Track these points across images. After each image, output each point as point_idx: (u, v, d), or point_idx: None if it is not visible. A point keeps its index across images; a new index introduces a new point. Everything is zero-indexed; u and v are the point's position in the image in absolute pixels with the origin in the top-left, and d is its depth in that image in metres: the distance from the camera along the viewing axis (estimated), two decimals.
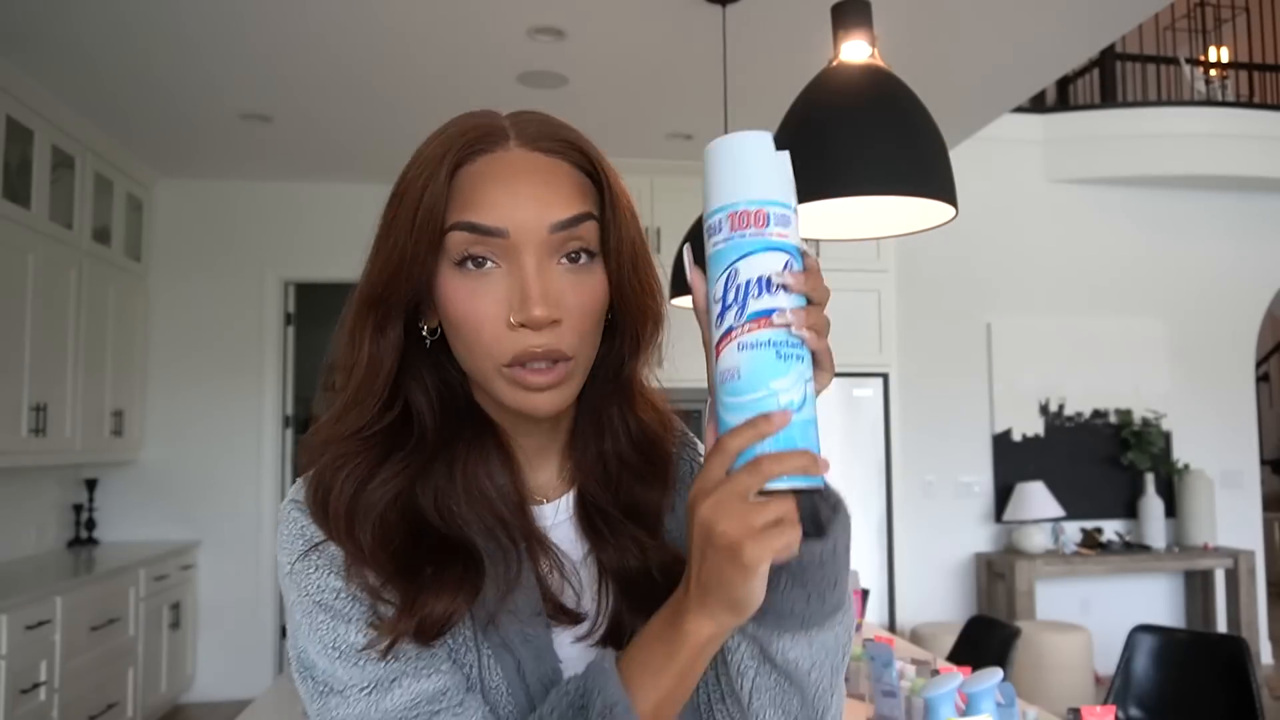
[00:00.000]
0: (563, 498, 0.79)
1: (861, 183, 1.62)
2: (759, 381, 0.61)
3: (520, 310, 0.67)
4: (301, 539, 0.71)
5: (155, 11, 3.21)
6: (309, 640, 0.69)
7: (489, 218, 0.68)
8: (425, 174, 0.69)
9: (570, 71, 3.75)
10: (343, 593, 0.69)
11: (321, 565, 0.70)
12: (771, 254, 0.64)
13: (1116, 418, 5.59)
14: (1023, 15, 3.33)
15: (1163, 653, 2.67)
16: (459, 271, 0.69)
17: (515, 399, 0.70)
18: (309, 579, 0.70)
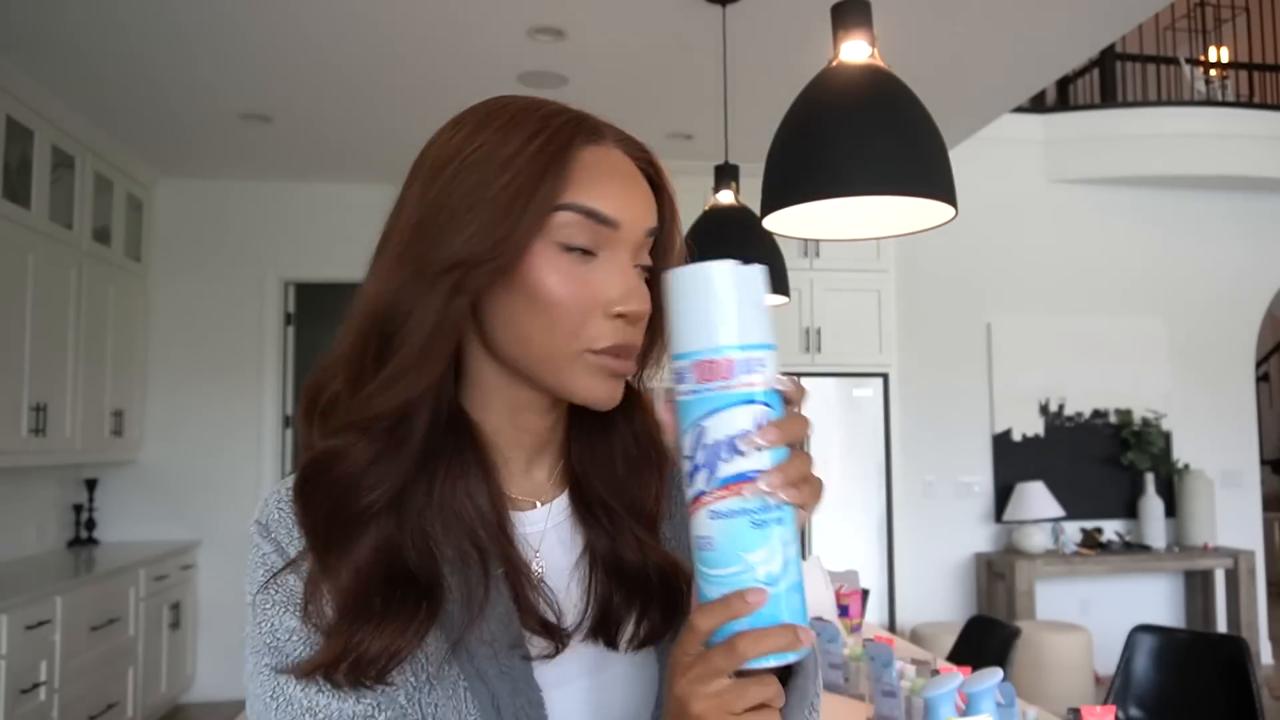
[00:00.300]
0: (557, 499, 0.78)
1: (861, 183, 1.62)
2: (733, 555, 0.57)
3: (626, 302, 0.68)
4: (263, 567, 0.68)
5: (155, 12, 3.21)
6: (255, 681, 0.67)
7: (608, 207, 0.68)
8: (546, 150, 0.67)
9: (570, 71, 3.75)
10: (296, 633, 0.66)
11: (278, 602, 0.67)
12: (742, 409, 0.57)
13: (1116, 418, 5.59)
14: (1023, 15, 3.33)
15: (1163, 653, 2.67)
16: (562, 253, 0.67)
17: (592, 386, 0.69)
18: (264, 615, 0.67)
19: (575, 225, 0.67)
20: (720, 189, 3.05)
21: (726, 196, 3.02)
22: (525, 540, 0.73)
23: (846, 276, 5.09)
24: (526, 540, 0.74)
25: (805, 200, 1.72)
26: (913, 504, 5.36)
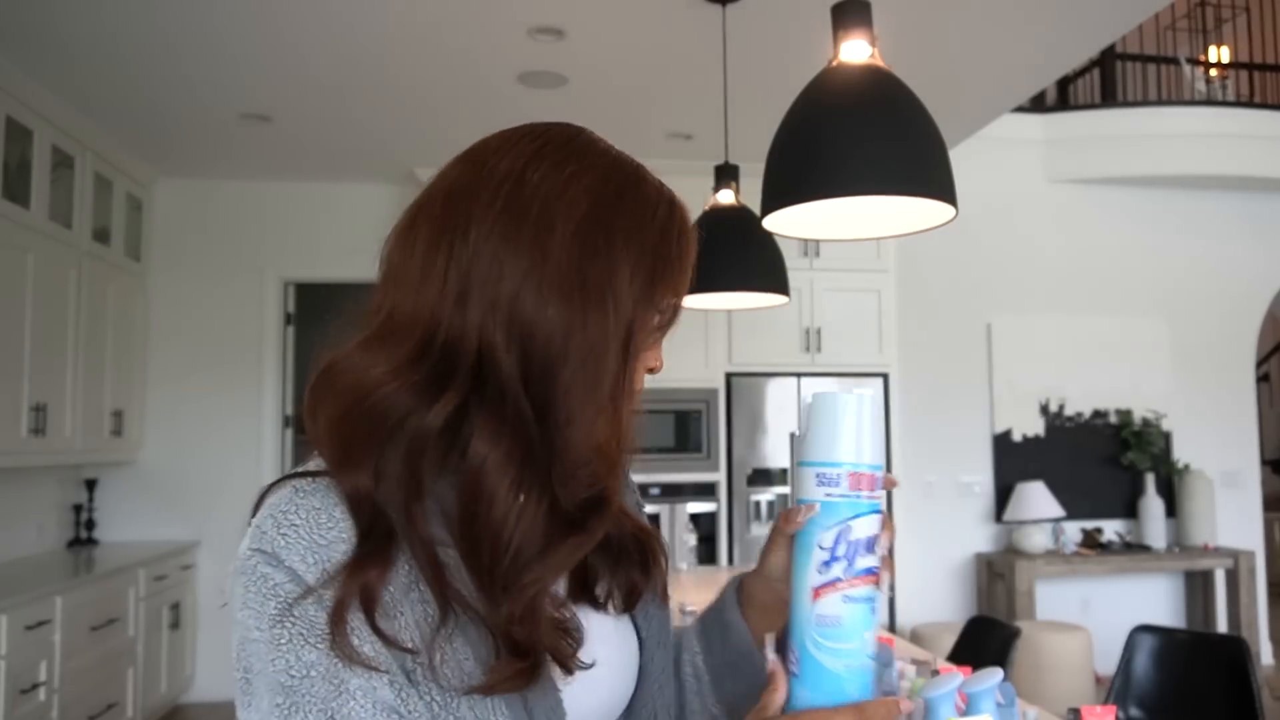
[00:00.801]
0: None
1: (862, 183, 1.62)
2: (856, 632, 0.69)
3: (660, 362, 0.77)
4: (274, 599, 0.61)
5: (155, 12, 3.20)
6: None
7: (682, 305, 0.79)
8: (665, 218, 0.74)
9: (570, 71, 3.75)
10: (315, 668, 0.60)
11: (299, 635, 0.60)
12: (875, 516, 0.73)
13: (1117, 418, 5.59)
14: (1023, 15, 3.32)
15: (1163, 653, 2.66)
16: (658, 336, 0.76)
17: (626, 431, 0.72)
18: (286, 653, 0.60)
19: (670, 318, 0.77)
20: (720, 189, 3.05)
21: (726, 196, 3.01)
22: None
23: (846, 276, 5.09)
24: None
25: (805, 200, 1.72)
26: (913, 504, 5.36)
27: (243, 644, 0.62)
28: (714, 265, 2.89)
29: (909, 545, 5.26)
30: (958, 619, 5.21)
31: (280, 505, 0.64)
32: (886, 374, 5.14)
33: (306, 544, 0.62)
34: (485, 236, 0.68)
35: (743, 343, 5.00)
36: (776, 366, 5.02)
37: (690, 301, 3.07)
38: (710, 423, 4.93)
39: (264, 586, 0.61)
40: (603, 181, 0.71)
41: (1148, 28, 6.08)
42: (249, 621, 0.62)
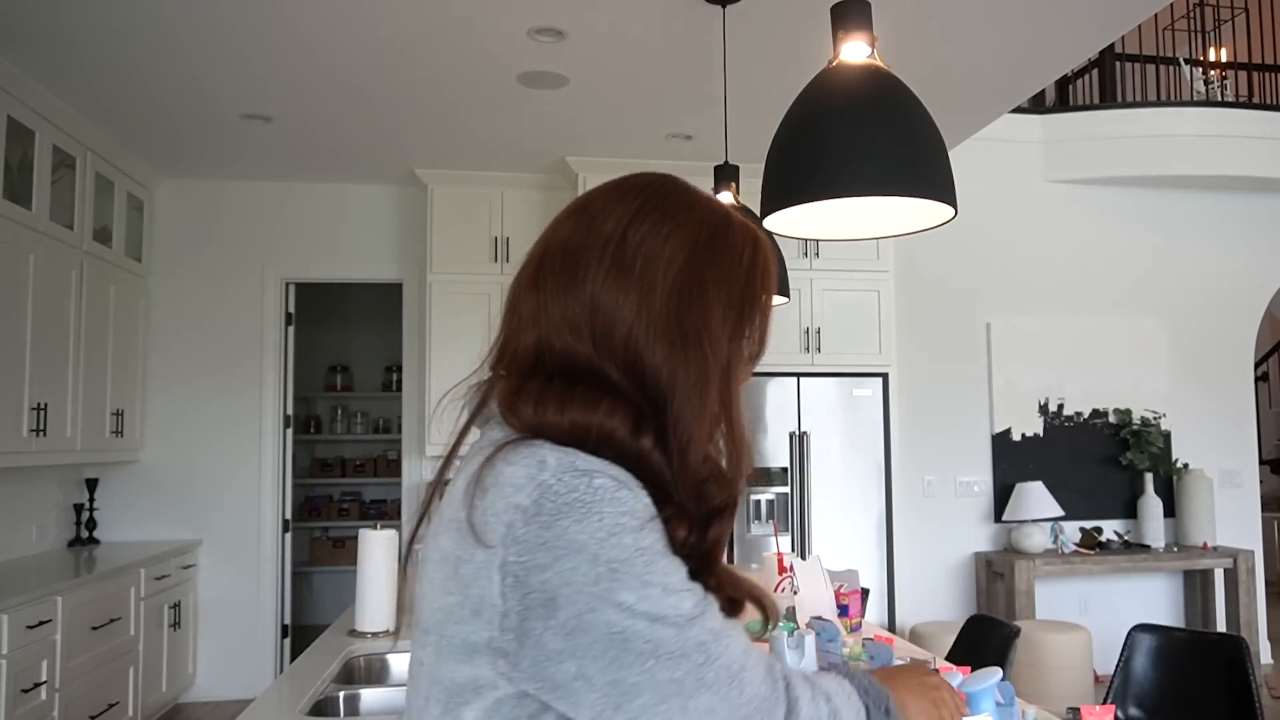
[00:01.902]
0: None
1: (861, 183, 1.63)
2: None
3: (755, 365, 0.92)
4: (644, 508, 0.76)
5: (156, 12, 3.21)
6: (658, 586, 0.73)
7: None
8: (759, 274, 0.87)
9: (570, 71, 3.76)
10: (667, 546, 0.77)
11: (653, 522, 0.76)
12: None
13: (1116, 418, 5.59)
14: (1023, 15, 3.33)
15: (1162, 652, 2.67)
16: (750, 360, 0.88)
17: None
18: (643, 534, 0.74)
19: (753, 355, 0.89)
20: (720, 189, 3.05)
21: (726, 197, 3.02)
22: None
23: (846, 276, 5.09)
24: None
25: (805, 200, 1.73)
26: (912, 504, 5.36)
27: (602, 549, 0.72)
28: None
29: (908, 545, 5.26)
30: (957, 618, 5.21)
31: (563, 452, 0.76)
32: (886, 374, 5.15)
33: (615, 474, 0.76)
34: (600, 289, 0.81)
35: None
36: (776, 366, 5.03)
37: None
38: None
39: (607, 494, 0.74)
40: (694, 236, 0.84)
41: (1147, 28, 6.09)
42: (603, 524, 0.72)
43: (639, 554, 0.72)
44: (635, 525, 0.74)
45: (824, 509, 5.00)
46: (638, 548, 0.73)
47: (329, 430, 6.94)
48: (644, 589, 0.72)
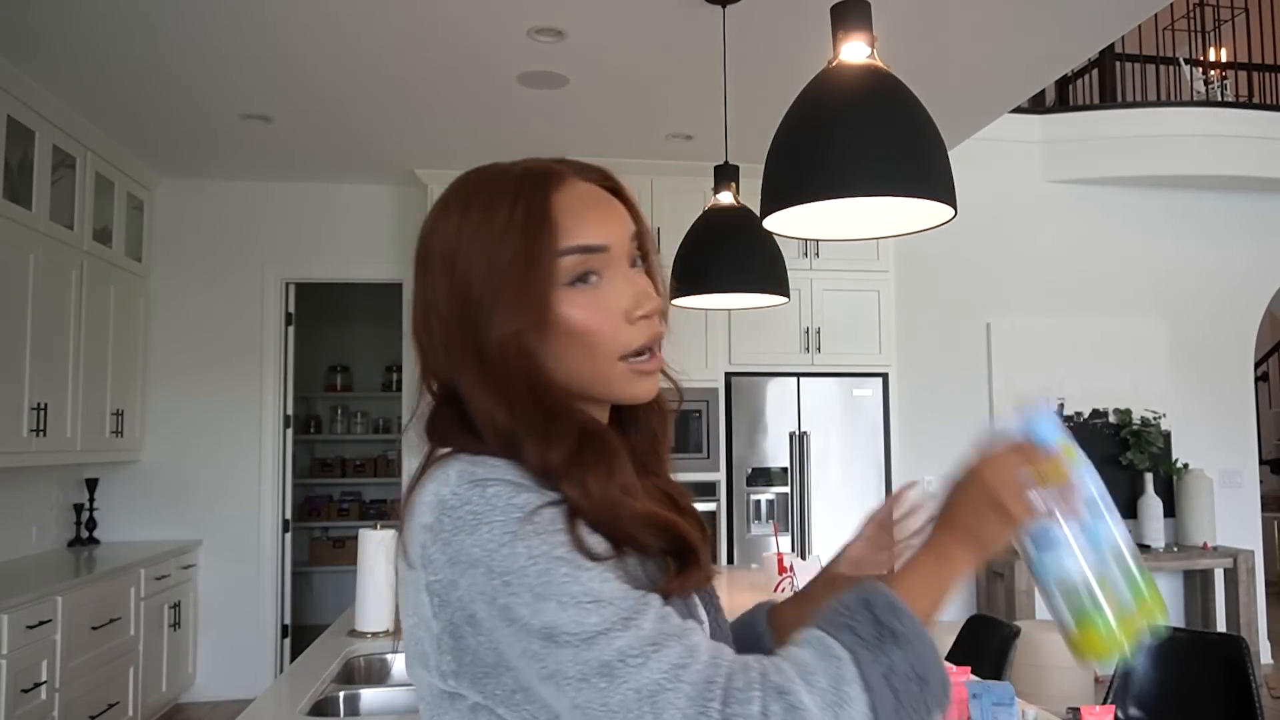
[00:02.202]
0: None
1: (861, 183, 1.63)
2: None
3: (641, 305, 0.80)
4: (518, 509, 0.71)
5: (156, 12, 3.21)
6: (550, 594, 0.68)
7: (594, 236, 0.80)
8: (517, 215, 0.78)
9: (570, 71, 3.76)
10: (572, 545, 0.71)
11: (545, 527, 0.71)
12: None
13: (1116, 417, 5.59)
14: (1023, 15, 3.33)
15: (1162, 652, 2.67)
16: (577, 289, 0.79)
17: (632, 386, 0.82)
18: (541, 540, 0.70)
19: (576, 263, 0.79)
20: (720, 189, 3.05)
21: (726, 197, 3.02)
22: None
23: (846, 276, 5.09)
24: None
25: (805, 201, 1.73)
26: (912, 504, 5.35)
27: (487, 559, 0.70)
28: (714, 266, 2.90)
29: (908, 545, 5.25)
30: (957, 618, 5.20)
31: (469, 463, 0.76)
32: (886, 374, 5.15)
33: (512, 478, 0.75)
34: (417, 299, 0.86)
35: (743, 343, 5.01)
36: (776, 366, 5.03)
37: (690, 302, 3.08)
38: (710, 422, 4.94)
39: (502, 500, 0.72)
40: (459, 227, 0.82)
41: (1147, 28, 6.09)
42: (493, 535, 0.70)
43: (532, 563, 0.69)
44: (530, 530, 0.70)
45: (824, 509, 5.00)
46: (531, 556, 0.69)
47: (329, 430, 6.94)
48: (537, 603, 0.68)
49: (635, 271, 0.83)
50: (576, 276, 0.79)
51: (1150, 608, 0.83)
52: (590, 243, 0.79)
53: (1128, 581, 0.84)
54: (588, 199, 0.82)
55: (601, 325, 0.79)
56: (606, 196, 0.84)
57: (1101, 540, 0.84)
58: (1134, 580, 0.84)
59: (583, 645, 0.66)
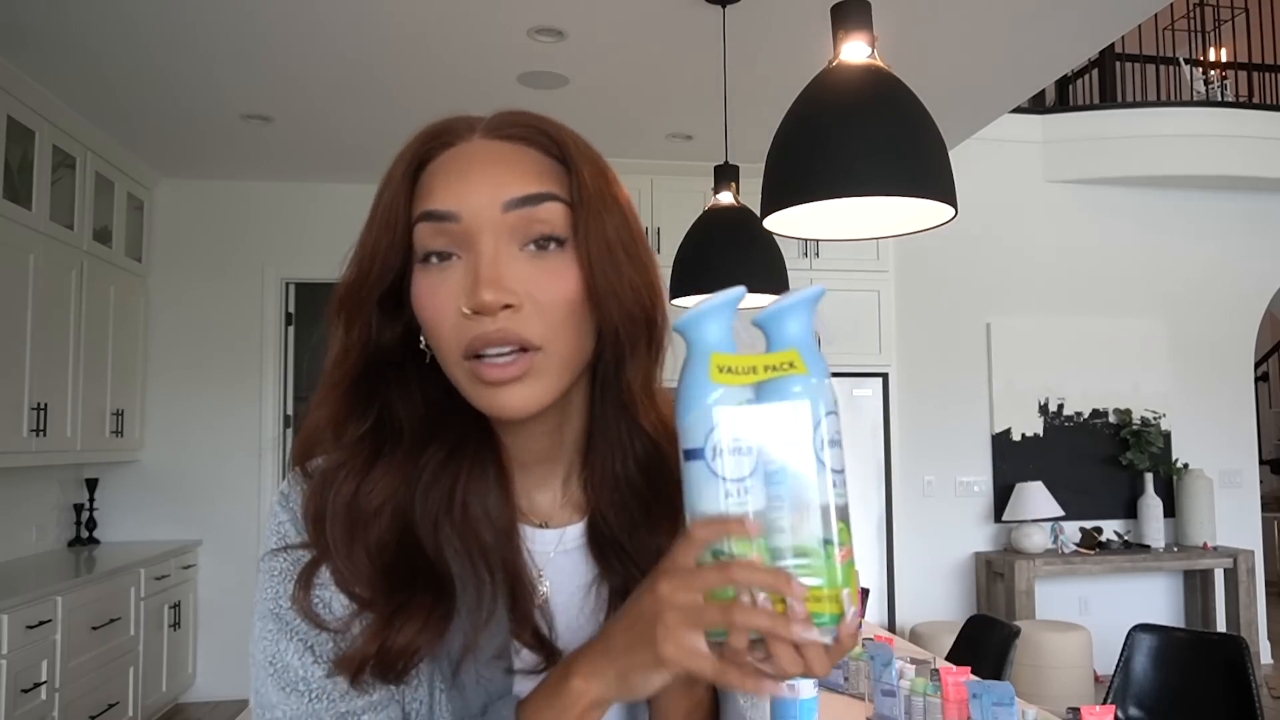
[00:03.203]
0: (571, 526, 0.75)
1: (861, 183, 1.63)
2: None
3: (470, 296, 0.64)
4: (275, 536, 0.69)
5: (156, 12, 3.21)
6: (257, 643, 0.68)
7: (441, 202, 0.66)
8: (393, 174, 0.70)
9: (570, 71, 3.76)
10: (298, 603, 0.66)
11: (285, 571, 0.67)
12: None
13: (1116, 417, 5.59)
14: (1023, 15, 3.33)
15: (1162, 652, 2.67)
16: (424, 268, 0.67)
17: (478, 396, 0.66)
18: (270, 582, 0.67)
19: (427, 235, 0.67)
20: (720, 189, 3.05)
21: (726, 197, 3.02)
22: (531, 558, 0.72)
23: (846, 276, 5.09)
24: (533, 558, 0.72)
25: (805, 200, 1.73)
26: (912, 504, 5.36)
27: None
28: (714, 266, 2.89)
29: (908, 545, 5.26)
30: (957, 618, 5.21)
31: (313, 464, 0.72)
32: (886, 374, 5.15)
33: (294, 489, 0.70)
34: None
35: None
36: None
37: (691, 302, 3.09)
38: None
39: (273, 523, 0.70)
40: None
41: (1147, 28, 6.09)
42: (260, 552, 0.70)
43: (258, 619, 0.68)
44: (265, 573, 0.68)
45: None
46: (259, 607, 0.69)
47: None
48: (255, 697, 0.68)
49: (510, 253, 0.65)
50: (427, 253, 0.67)
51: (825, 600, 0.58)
52: (435, 209, 0.66)
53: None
54: (460, 160, 0.69)
55: (437, 314, 0.66)
56: (497, 155, 0.68)
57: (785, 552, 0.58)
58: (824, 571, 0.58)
59: (254, 699, 0.67)
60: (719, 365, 0.60)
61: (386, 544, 0.66)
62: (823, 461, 0.59)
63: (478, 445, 0.71)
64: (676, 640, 0.57)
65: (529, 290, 0.65)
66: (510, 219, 0.65)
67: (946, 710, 1.97)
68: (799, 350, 0.63)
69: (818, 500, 0.59)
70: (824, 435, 0.60)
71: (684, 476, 0.60)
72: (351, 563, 0.65)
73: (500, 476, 0.71)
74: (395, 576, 0.65)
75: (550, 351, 0.65)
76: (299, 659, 0.66)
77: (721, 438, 0.59)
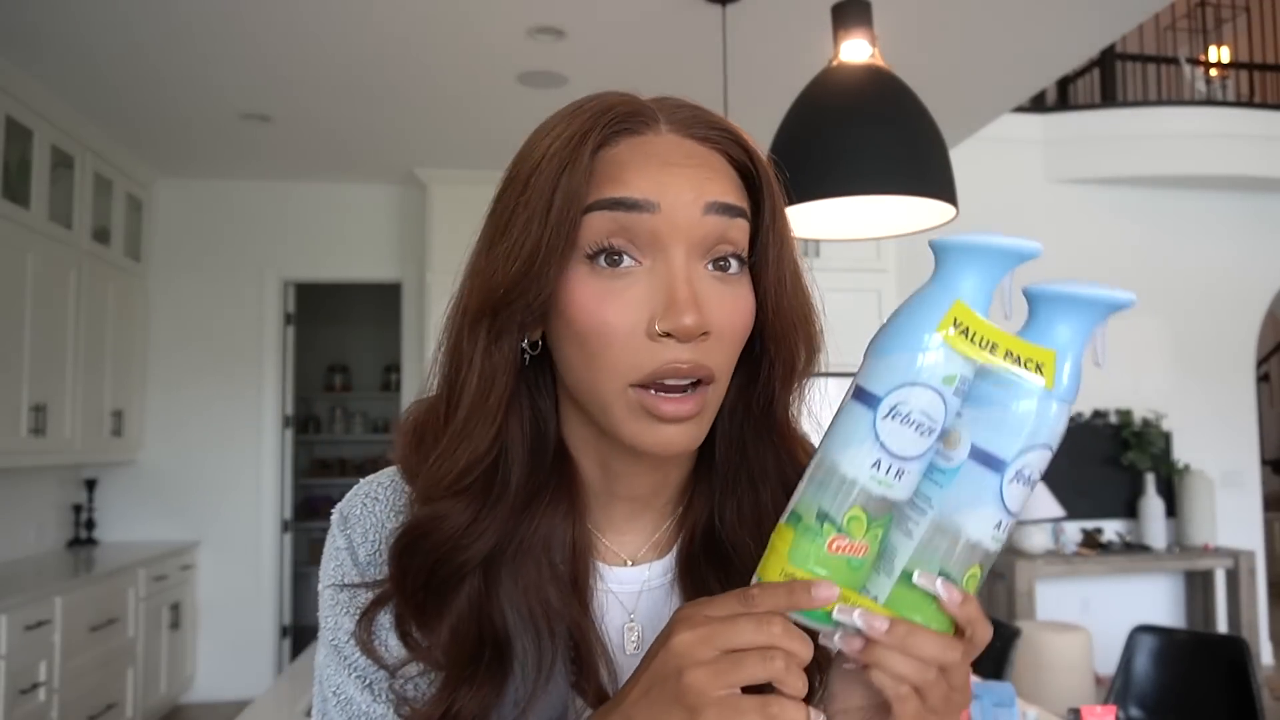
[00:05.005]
0: (656, 562, 0.69)
1: (862, 183, 1.62)
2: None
3: (667, 316, 0.56)
4: (334, 563, 0.67)
5: (155, 11, 3.20)
6: (322, 669, 0.68)
7: (638, 190, 0.57)
8: (562, 153, 0.59)
9: (570, 71, 3.75)
10: (355, 638, 0.65)
11: (341, 604, 0.66)
12: None
13: (1117, 418, 5.59)
14: (1023, 15, 3.32)
15: (1163, 653, 2.67)
16: (592, 269, 0.58)
17: (638, 432, 0.58)
18: (330, 614, 0.67)
19: (607, 228, 0.57)
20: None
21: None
22: (618, 599, 0.67)
23: (846, 276, 5.09)
24: (620, 599, 0.67)
25: (805, 200, 1.72)
26: None
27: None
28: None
29: None
30: None
31: (376, 480, 0.69)
32: None
33: (371, 522, 0.67)
34: None
35: None
36: None
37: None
38: None
39: (331, 546, 0.68)
40: (535, 132, 0.70)
41: (1148, 28, 6.09)
42: (321, 573, 0.69)
43: (324, 632, 0.68)
44: (325, 599, 0.68)
45: None
46: (322, 621, 0.68)
47: (328, 430, 6.94)
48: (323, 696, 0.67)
49: (699, 270, 0.58)
50: (600, 250, 0.57)
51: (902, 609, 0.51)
52: (625, 195, 0.57)
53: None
54: (661, 154, 0.60)
55: (608, 330, 0.57)
56: (698, 162, 0.60)
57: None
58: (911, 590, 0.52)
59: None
60: (958, 320, 0.51)
61: (466, 605, 0.61)
62: (1002, 496, 0.50)
63: (561, 484, 0.64)
64: (710, 703, 0.49)
65: (715, 315, 0.58)
66: (707, 224, 0.58)
67: None
68: (1059, 356, 0.51)
69: (970, 533, 0.50)
70: (1021, 467, 0.50)
71: (840, 410, 0.52)
72: (424, 618, 0.61)
73: (575, 519, 0.64)
74: (466, 640, 0.61)
75: (720, 383, 0.60)
76: (359, 694, 0.65)
77: (910, 401, 0.49)
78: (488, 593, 0.61)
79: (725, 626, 0.50)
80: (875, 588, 0.52)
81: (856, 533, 0.50)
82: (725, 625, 0.50)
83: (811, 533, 0.50)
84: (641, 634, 0.67)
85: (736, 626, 0.50)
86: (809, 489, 0.52)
